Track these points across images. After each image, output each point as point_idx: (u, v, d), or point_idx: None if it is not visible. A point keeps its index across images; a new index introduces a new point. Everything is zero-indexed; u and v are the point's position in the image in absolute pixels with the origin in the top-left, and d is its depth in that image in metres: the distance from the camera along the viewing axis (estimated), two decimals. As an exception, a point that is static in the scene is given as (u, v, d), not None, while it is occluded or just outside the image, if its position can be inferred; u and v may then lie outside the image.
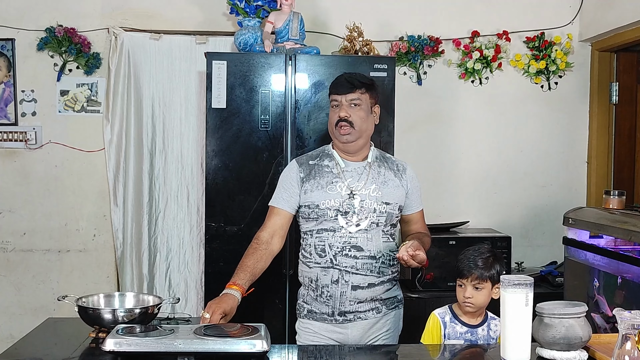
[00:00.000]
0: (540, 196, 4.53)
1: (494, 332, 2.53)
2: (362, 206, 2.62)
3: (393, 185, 2.71)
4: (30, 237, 4.33)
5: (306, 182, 2.68)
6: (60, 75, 4.27)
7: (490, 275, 2.49)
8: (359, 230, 2.61)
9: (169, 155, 4.29)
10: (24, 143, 4.27)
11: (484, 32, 4.39)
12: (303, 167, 2.73)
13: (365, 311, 2.65)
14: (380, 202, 2.65)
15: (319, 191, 2.65)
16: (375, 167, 2.72)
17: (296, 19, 3.82)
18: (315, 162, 2.73)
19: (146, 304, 2.53)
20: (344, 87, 2.68)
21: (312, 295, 2.68)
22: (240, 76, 3.65)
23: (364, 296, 2.62)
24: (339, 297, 2.62)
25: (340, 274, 2.61)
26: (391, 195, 2.68)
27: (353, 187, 2.65)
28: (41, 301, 4.31)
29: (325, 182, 2.66)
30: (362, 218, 2.62)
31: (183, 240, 4.32)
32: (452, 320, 2.53)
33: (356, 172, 2.69)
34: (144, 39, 4.25)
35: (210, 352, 2.11)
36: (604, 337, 2.30)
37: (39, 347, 2.37)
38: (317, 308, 2.68)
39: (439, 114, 4.45)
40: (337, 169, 2.69)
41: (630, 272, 3.05)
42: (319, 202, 2.63)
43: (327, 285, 2.63)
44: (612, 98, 4.43)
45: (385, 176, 2.72)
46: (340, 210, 2.62)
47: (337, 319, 2.64)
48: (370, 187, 2.66)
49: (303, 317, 2.73)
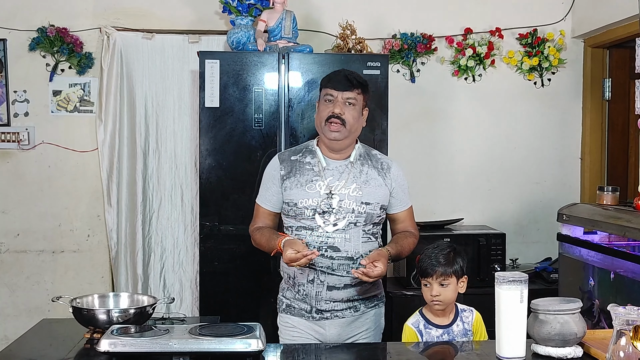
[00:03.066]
0: (534, 192, 4.54)
1: (467, 323, 2.53)
2: (340, 206, 2.59)
3: (375, 184, 2.67)
4: (24, 238, 4.31)
5: (286, 179, 2.66)
6: (52, 75, 4.25)
7: (454, 271, 2.50)
8: (336, 230, 2.58)
9: (162, 155, 4.28)
10: (17, 144, 4.25)
11: (476, 29, 4.40)
12: (284, 163, 2.70)
13: (343, 309, 2.64)
14: (360, 202, 2.62)
15: (297, 189, 2.63)
16: (358, 165, 2.68)
17: (289, 17, 3.82)
18: (297, 157, 2.71)
19: (141, 304, 2.52)
20: (342, 83, 2.64)
21: (291, 291, 2.69)
22: (233, 75, 3.65)
23: (339, 296, 2.61)
24: (314, 296, 2.62)
25: (315, 274, 2.59)
26: (372, 194, 2.65)
27: (332, 186, 2.62)
28: (35, 302, 4.30)
29: (305, 180, 2.64)
30: (339, 218, 2.59)
31: (177, 240, 4.31)
32: (426, 327, 2.52)
33: (337, 170, 2.66)
34: (137, 39, 4.23)
35: (206, 351, 2.11)
36: (598, 332, 2.31)
37: (33, 349, 2.36)
38: (295, 304, 2.68)
39: (433, 111, 4.45)
40: (319, 167, 2.66)
41: (624, 267, 3.06)
42: (297, 200, 2.62)
43: (303, 284, 2.63)
44: (605, 94, 4.44)
45: (368, 175, 2.68)
46: (317, 209, 2.59)
47: (315, 316, 2.64)
48: (351, 187, 2.63)
49: (282, 311, 2.74)
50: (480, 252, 3.96)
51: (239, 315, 3.27)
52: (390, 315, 3.87)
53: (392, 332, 3.82)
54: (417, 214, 4.30)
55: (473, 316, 2.55)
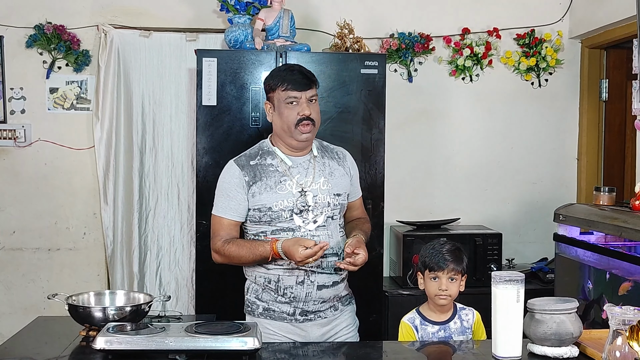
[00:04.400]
0: (531, 193, 4.54)
1: (466, 321, 2.54)
2: (315, 202, 2.55)
3: (339, 174, 2.65)
4: (19, 235, 4.30)
5: (253, 184, 2.55)
6: (49, 73, 4.24)
7: (462, 268, 2.53)
8: (317, 227, 2.55)
9: (159, 153, 4.28)
10: (13, 141, 4.24)
11: (474, 29, 4.40)
12: (246, 169, 2.58)
13: (325, 309, 2.61)
14: (332, 195, 2.59)
15: (268, 193, 2.54)
16: (320, 158, 2.65)
17: (287, 16, 3.82)
18: (256, 161, 2.60)
19: (137, 302, 2.52)
20: (302, 83, 2.54)
21: (271, 294, 2.58)
22: (231, 73, 3.64)
23: (328, 295, 2.58)
24: (303, 297, 2.56)
25: (305, 275, 2.54)
26: (339, 185, 2.63)
27: (302, 183, 2.57)
28: (31, 300, 4.29)
29: (274, 182, 2.55)
30: (317, 214, 2.56)
31: (174, 238, 4.30)
32: (422, 323, 2.53)
33: (302, 167, 2.61)
34: (134, 36, 4.22)
35: (202, 349, 2.11)
36: (595, 332, 2.31)
37: (29, 346, 2.36)
38: (276, 307, 2.58)
39: (430, 111, 4.45)
40: (283, 166, 2.59)
41: (620, 267, 3.07)
42: (270, 204, 2.52)
43: (291, 286, 2.55)
44: (602, 95, 4.44)
45: (331, 167, 2.65)
46: (294, 209, 2.54)
47: (298, 319, 2.58)
48: (319, 181, 2.59)
49: (258, 315, 2.60)
50: (477, 251, 3.97)
51: (235, 314, 3.26)
52: (386, 314, 3.89)
53: (388, 331, 3.84)
54: (413, 213, 4.36)
55: (474, 316, 2.56)
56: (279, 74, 2.60)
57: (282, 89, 2.55)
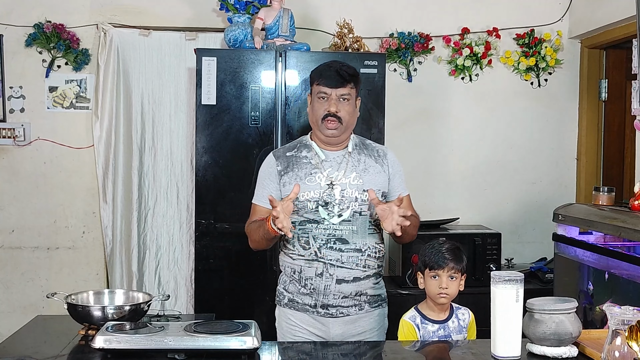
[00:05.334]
0: (530, 193, 4.54)
1: (462, 321, 2.55)
2: (342, 196, 2.58)
3: (374, 171, 2.66)
4: (19, 234, 4.30)
5: (284, 174, 2.63)
6: (48, 72, 4.24)
7: (461, 267, 2.54)
8: (342, 222, 2.57)
9: (158, 152, 4.28)
10: (12, 140, 4.24)
11: (474, 28, 4.40)
12: (280, 160, 2.66)
13: (348, 307, 2.61)
14: (362, 190, 2.60)
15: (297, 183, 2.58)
16: (355, 154, 2.67)
17: (286, 15, 3.82)
18: (292, 153, 2.67)
19: (136, 301, 2.52)
20: (334, 80, 2.59)
21: (296, 285, 2.64)
22: (230, 72, 3.64)
23: (348, 290, 2.59)
24: (322, 290, 2.58)
25: (324, 267, 2.57)
26: (373, 182, 2.63)
27: (332, 177, 2.60)
28: (30, 299, 4.29)
29: (304, 173, 2.61)
30: (343, 208, 2.57)
31: (173, 237, 4.30)
32: (422, 322, 2.53)
33: (335, 161, 2.64)
34: (133, 35, 4.22)
35: (201, 349, 2.11)
36: (594, 332, 2.31)
37: (28, 345, 2.36)
38: (299, 298, 2.63)
39: (429, 110, 4.45)
40: (316, 159, 2.63)
41: (619, 267, 3.07)
42: (298, 194, 2.57)
43: (310, 277, 2.59)
44: (601, 95, 4.44)
45: (366, 163, 2.66)
46: (320, 201, 2.57)
47: (319, 312, 2.60)
48: (351, 176, 2.61)
49: (283, 305, 2.68)
50: (476, 251, 3.96)
51: (234, 313, 3.26)
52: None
53: (387, 330, 3.83)
54: (413, 213, 4.34)
55: (469, 316, 2.57)
56: (319, 68, 2.67)
57: (317, 83, 2.62)
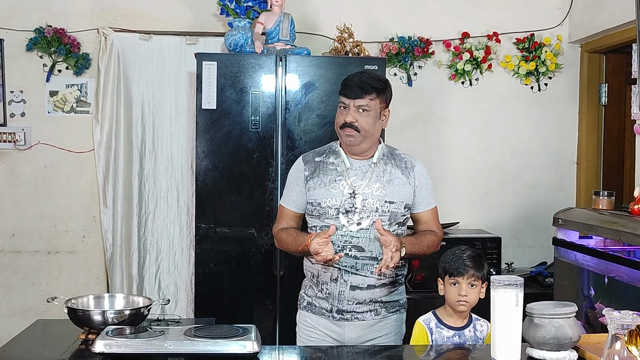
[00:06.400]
0: (530, 197, 4.54)
1: (480, 332, 2.53)
2: (364, 205, 2.59)
3: (399, 183, 2.66)
4: (19, 238, 4.30)
5: (310, 179, 2.67)
6: (49, 76, 4.25)
7: (482, 274, 2.51)
8: (360, 230, 2.58)
9: (158, 156, 4.28)
10: (13, 144, 4.24)
11: (474, 33, 4.41)
12: (308, 164, 2.71)
13: (364, 312, 2.63)
14: (384, 201, 2.61)
15: (321, 189, 2.63)
16: (382, 165, 2.68)
17: (286, 19, 3.82)
18: (321, 158, 2.71)
19: (136, 305, 2.52)
20: (353, 91, 2.61)
21: (314, 289, 2.69)
22: (231, 77, 3.65)
23: (362, 297, 2.61)
24: (337, 295, 2.61)
25: (339, 273, 2.59)
26: (396, 193, 2.64)
27: (356, 185, 2.62)
28: (30, 303, 4.29)
29: (329, 180, 2.64)
30: (363, 217, 2.59)
31: (173, 241, 4.30)
32: (437, 326, 2.52)
33: (360, 170, 2.66)
34: (134, 40, 4.23)
35: (201, 353, 2.11)
36: (593, 337, 2.31)
37: (28, 349, 2.36)
38: (317, 302, 2.68)
39: (429, 114, 4.46)
40: (342, 167, 2.66)
41: (619, 272, 3.07)
42: (320, 200, 2.62)
43: (326, 282, 2.62)
44: (601, 99, 4.44)
45: (392, 174, 2.67)
46: (341, 209, 2.59)
47: (335, 316, 2.63)
48: (374, 186, 2.62)
49: (303, 308, 2.74)
50: (476, 255, 3.96)
51: (234, 317, 3.26)
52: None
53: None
54: (413, 217, 4.34)
55: (487, 328, 2.52)
56: (347, 77, 2.71)
57: (340, 93, 2.68)
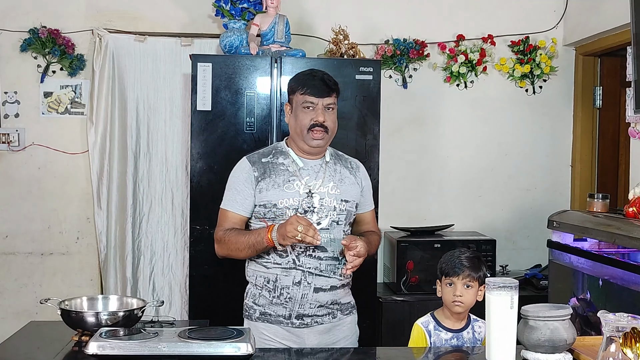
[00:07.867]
0: (524, 199, 4.55)
1: (478, 334, 2.53)
2: (321, 204, 2.57)
3: (349, 182, 2.67)
4: (12, 239, 4.28)
5: (261, 180, 2.58)
6: (43, 77, 4.23)
7: (479, 276, 2.50)
8: (321, 230, 2.53)
9: (153, 158, 4.27)
10: (7, 145, 4.23)
11: (469, 35, 4.41)
12: (256, 165, 2.62)
13: (323, 315, 2.59)
14: (340, 200, 2.60)
15: (275, 190, 2.56)
16: (332, 164, 2.67)
17: (282, 21, 3.82)
18: (268, 159, 2.63)
19: (130, 307, 2.51)
20: (321, 90, 2.58)
21: (266, 297, 2.59)
22: (226, 79, 3.64)
23: (325, 299, 2.57)
24: (299, 299, 2.55)
25: (303, 275, 2.54)
26: (349, 192, 2.65)
27: (311, 185, 2.59)
28: (23, 304, 4.27)
29: (282, 180, 2.58)
30: (322, 217, 2.57)
31: (167, 243, 4.29)
32: (436, 328, 2.52)
33: (313, 170, 2.63)
34: (129, 41, 4.22)
35: (195, 355, 2.10)
36: (588, 339, 2.31)
37: (21, 351, 2.35)
38: (272, 310, 2.58)
39: (424, 117, 4.46)
40: (293, 167, 2.62)
41: (613, 274, 3.07)
42: (276, 201, 2.55)
43: (287, 286, 2.55)
44: (596, 102, 4.46)
45: (342, 174, 2.67)
46: (299, 209, 2.55)
47: (294, 322, 2.57)
48: (329, 185, 2.61)
49: (255, 319, 2.61)
50: (471, 258, 3.96)
51: (228, 319, 3.25)
52: (380, 320, 3.88)
53: (382, 337, 3.83)
54: (407, 219, 4.36)
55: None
56: (301, 77, 2.64)
57: (301, 93, 2.59)
